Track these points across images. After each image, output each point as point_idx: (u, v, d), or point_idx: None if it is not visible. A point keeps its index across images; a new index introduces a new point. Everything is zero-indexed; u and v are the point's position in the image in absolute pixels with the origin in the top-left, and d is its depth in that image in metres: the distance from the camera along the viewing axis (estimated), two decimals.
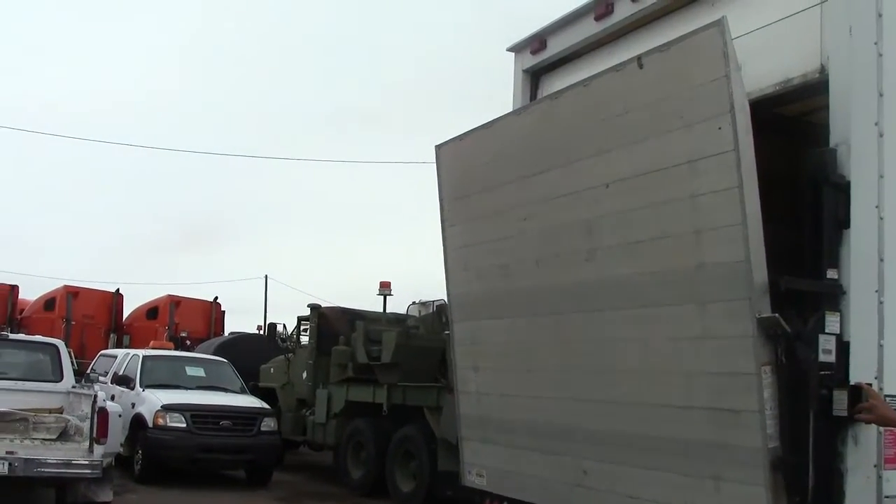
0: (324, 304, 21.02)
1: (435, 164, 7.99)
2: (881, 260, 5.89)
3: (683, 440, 5.50)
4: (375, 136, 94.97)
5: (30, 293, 36.89)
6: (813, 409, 5.23)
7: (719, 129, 5.20)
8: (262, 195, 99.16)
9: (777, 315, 5.00)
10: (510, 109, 8.89)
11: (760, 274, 5.19)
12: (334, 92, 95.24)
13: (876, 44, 6.19)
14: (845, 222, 5.93)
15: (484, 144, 7.47)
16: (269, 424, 18.21)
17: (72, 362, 14.25)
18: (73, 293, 33.84)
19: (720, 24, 5.38)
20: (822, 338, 5.61)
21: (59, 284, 35.12)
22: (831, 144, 6.13)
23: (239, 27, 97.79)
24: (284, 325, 22.26)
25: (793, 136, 7.27)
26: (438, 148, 7.73)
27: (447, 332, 10.64)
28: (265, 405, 19.04)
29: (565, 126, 6.61)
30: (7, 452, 11.22)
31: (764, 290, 5.21)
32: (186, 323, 33.54)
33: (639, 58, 5.84)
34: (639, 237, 6.07)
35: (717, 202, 5.39)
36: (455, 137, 7.53)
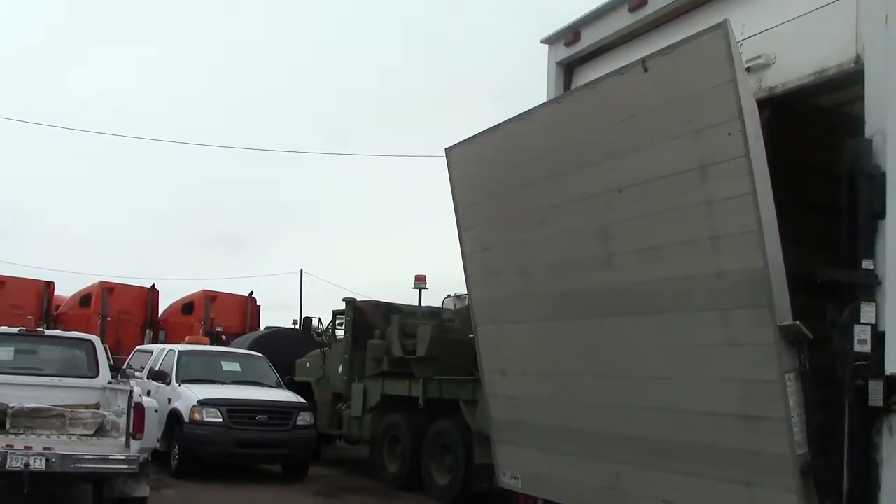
0: (359, 298, 21.05)
1: (447, 167, 7.88)
2: None
3: (713, 446, 5.43)
4: (411, 129, 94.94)
5: (65, 290, 37.15)
6: (848, 399, 5.17)
7: (729, 134, 5.07)
8: (298, 190, 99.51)
9: (798, 323, 4.91)
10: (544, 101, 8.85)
11: (779, 281, 5.10)
12: (371, 84, 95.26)
13: None
14: (881, 213, 5.86)
15: (494, 147, 7.33)
16: (304, 419, 18.23)
17: (107, 358, 14.32)
18: (108, 289, 34.00)
19: (723, 27, 5.24)
20: (857, 328, 5.55)
21: (94, 281, 35.34)
22: (867, 135, 6.06)
23: (273, 18, 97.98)
24: (320, 320, 22.33)
25: (829, 127, 7.19)
26: (448, 151, 7.59)
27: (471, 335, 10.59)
28: (301, 399, 19.08)
29: (573, 130, 6.47)
30: (44, 448, 11.27)
31: (784, 297, 5.12)
32: (222, 318, 33.64)
33: (643, 61, 5.70)
34: (655, 243, 5.96)
35: (731, 209, 5.27)
36: (465, 140, 7.40)
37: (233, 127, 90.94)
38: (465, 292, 18.40)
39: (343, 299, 21.03)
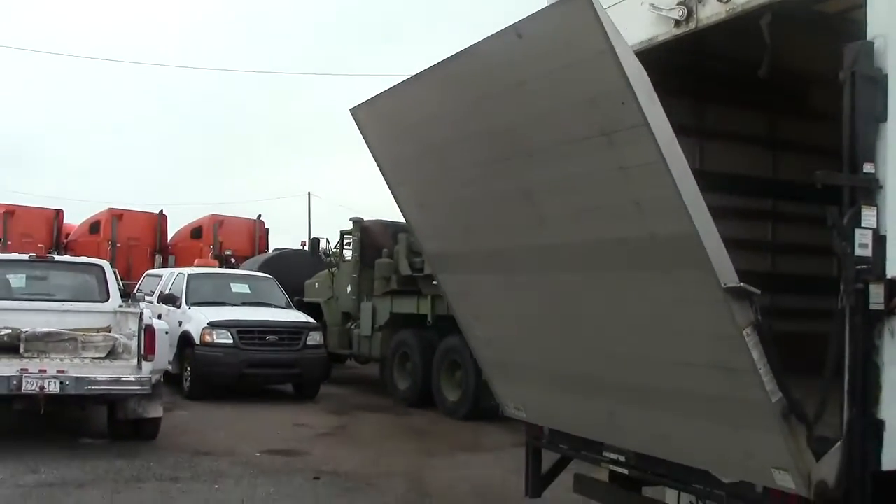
0: (366, 218, 21.08)
1: (357, 127, 7.55)
2: None
3: (694, 391, 5.43)
4: (419, 49, 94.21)
5: (75, 218, 37.23)
6: (849, 303, 5.19)
7: (622, 104, 4.80)
8: (304, 112, 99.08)
9: (742, 284, 4.85)
10: None
11: (714, 244, 4.97)
12: (381, 4, 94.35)
13: None
14: (882, 116, 5.81)
15: (397, 109, 6.95)
16: (314, 338, 18.36)
17: (117, 282, 14.41)
18: (117, 216, 34.05)
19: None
20: (858, 232, 5.54)
21: (103, 207, 35.39)
22: (868, 37, 6.00)
23: None
24: (328, 240, 22.39)
25: (833, 34, 7.11)
26: (353, 111, 7.25)
27: (434, 282, 10.34)
28: (311, 319, 19.19)
29: (467, 94, 6.08)
30: (58, 371, 11.41)
31: (723, 259, 5.03)
32: (230, 241, 33.71)
33: (516, 28, 5.33)
34: (581, 206, 5.72)
35: (644, 176, 5.00)
36: (367, 101, 7.05)
37: (240, 49, 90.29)
38: None
39: (350, 219, 21.05)
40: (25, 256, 15.25)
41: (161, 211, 35.62)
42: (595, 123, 5.11)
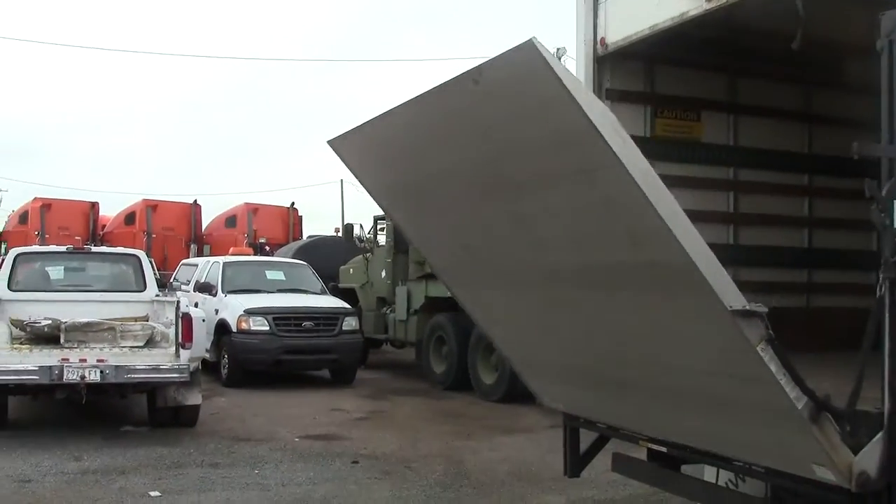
0: None
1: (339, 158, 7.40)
2: None
3: (719, 397, 5.36)
4: (450, 34, 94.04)
5: (110, 209, 37.51)
6: (888, 278, 5.11)
7: (595, 145, 4.63)
8: (337, 98, 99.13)
9: (747, 305, 4.74)
10: None
11: (713, 269, 4.85)
12: None
13: None
14: None
15: (378, 142, 6.75)
16: (350, 324, 18.40)
17: (154, 272, 14.49)
18: (151, 206, 34.28)
19: (531, 44, 4.62)
20: None
21: (137, 199, 35.60)
22: None
23: None
24: (361, 226, 22.36)
25: (868, 3, 7.03)
26: (331, 143, 7.06)
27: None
28: (346, 305, 19.24)
29: (440, 132, 5.90)
30: (98, 360, 11.52)
31: (726, 282, 4.92)
32: (265, 229, 33.84)
33: (472, 77, 5.08)
34: (576, 233, 5.56)
35: (631, 209, 4.87)
36: (342, 134, 6.86)
37: (275, 37, 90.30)
38: None
39: None
40: (63, 248, 15.35)
41: (195, 201, 35.85)
42: (570, 162, 4.94)
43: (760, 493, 4.86)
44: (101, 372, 11.45)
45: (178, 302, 12.31)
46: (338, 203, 54.27)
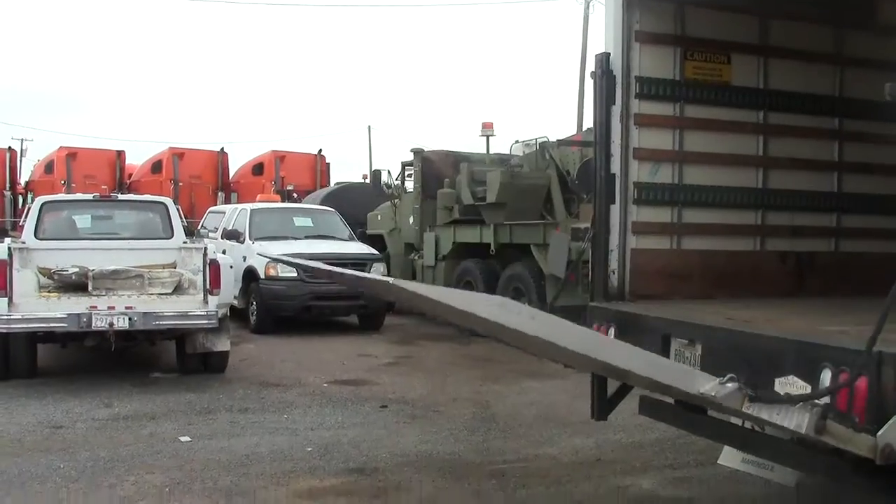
0: (427, 149, 21.02)
1: None
2: None
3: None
4: None
5: (136, 158, 37.57)
6: None
7: None
8: (364, 45, 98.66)
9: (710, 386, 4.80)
10: None
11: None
12: None
13: None
14: None
15: None
16: (378, 269, 18.39)
17: (181, 219, 14.51)
18: (178, 155, 34.25)
19: None
20: None
21: (164, 147, 35.62)
22: None
23: None
24: (389, 172, 22.36)
25: None
26: None
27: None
28: (374, 251, 19.26)
29: None
30: (126, 308, 11.59)
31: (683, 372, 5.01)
32: (292, 176, 33.78)
33: None
34: None
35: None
36: None
37: None
38: (533, 138, 18.41)
39: (411, 150, 21.02)
40: (90, 196, 15.38)
41: (222, 148, 35.82)
42: None
43: (788, 435, 4.84)
44: (130, 319, 11.52)
45: (206, 248, 12.35)
46: (365, 149, 54.16)
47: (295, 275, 17.36)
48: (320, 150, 36.14)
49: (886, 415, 4.44)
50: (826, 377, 4.68)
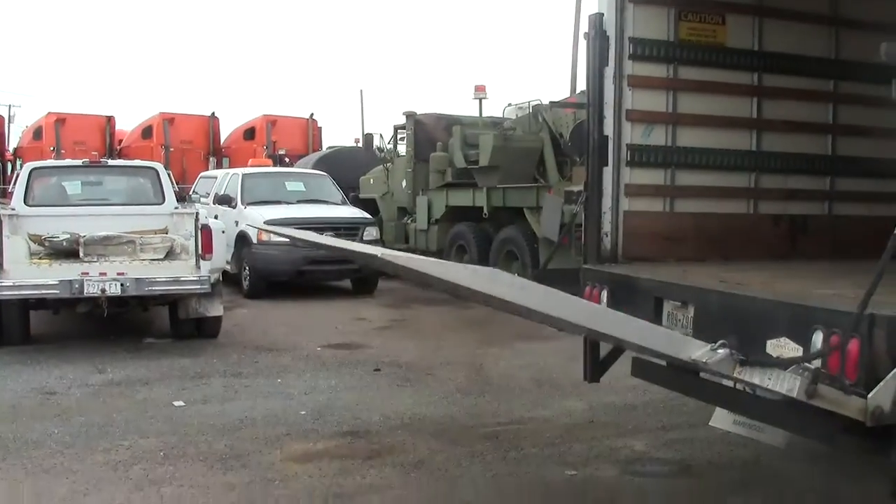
0: (419, 112, 20.95)
1: None
2: None
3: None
4: None
5: (126, 124, 37.37)
6: None
7: None
8: (355, 7, 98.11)
9: (702, 351, 4.78)
10: None
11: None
12: None
13: None
14: None
15: None
16: (371, 233, 18.42)
17: (172, 184, 14.45)
18: (168, 120, 34.05)
19: None
20: None
21: (154, 113, 35.42)
22: None
23: None
24: (381, 136, 22.31)
25: None
26: None
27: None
28: (366, 215, 19.25)
29: None
30: (118, 274, 11.57)
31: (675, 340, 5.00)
32: (284, 141, 33.64)
33: None
34: None
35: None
36: None
37: None
38: (526, 101, 18.35)
39: (403, 113, 20.96)
40: (79, 162, 15.31)
41: (213, 113, 35.60)
42: None
43: (779, 397, 4.85)
44: (122, 285, 11.52)
45: (197, 213, 12.32)
46: (357, 113, 54.00)
47: (287, 239, 17.31)
48: (312, 115, 35.99)
49: (877, 376, 4.46)
50: (818, 339, 4.69)
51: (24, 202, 12.88)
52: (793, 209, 8.68)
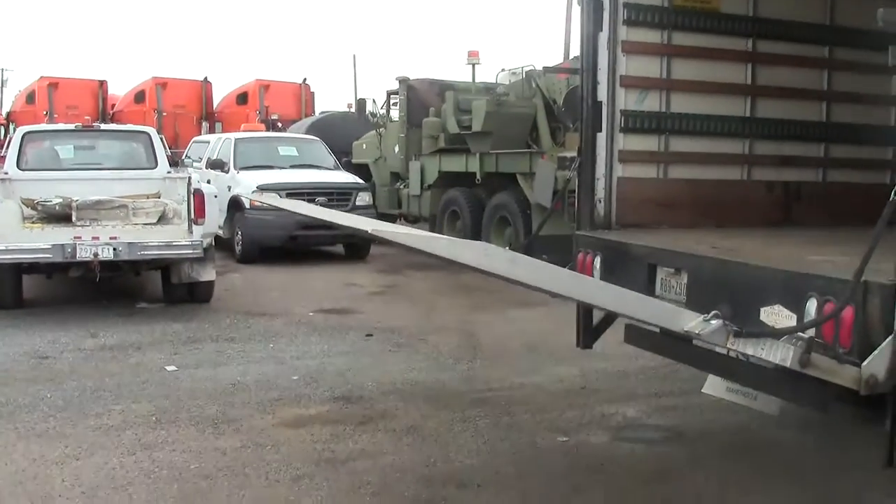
0: (412, 77, 20.87)
1: None
2: None
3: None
4: None
5: (119, 88, 37.25)
6: None
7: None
8: None
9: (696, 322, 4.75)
10: None
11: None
12: None
13: None
14: None
15: None
16: (364, 199, 18.39)
17: (165, 149, 14.41)
18: (161, 84, 33.98)
19: None
20: None
21: (147, 77, 35.31)
22: None
23: None
24: (374, 101, 22.26)
25: None
26: None
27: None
28: (359, 180, 19.20)
29: None
30: (110, 238, 11.54)
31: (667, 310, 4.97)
32: (277, 106, 33.57)
33: None
34: None
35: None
36: None
37: None
38: (519, 66, 18.27)
39: (396, 78, 20.87)
40: (72, 126, 15.25)
41: (206, 78, 35.52)
42: None
43: (771, 365, 4.86)
44: (114, 249, 11.49)
45: (190, 178, 12.28)
46: (350, 78, 53.76)
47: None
48: (305, 79, 35.92)
49: (871, 344, 4.46)
50: (812, 307, 4.69)
51: (17, 166, 12.89)
52: (787, 176, 8.67)
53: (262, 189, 17.34)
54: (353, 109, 26.94)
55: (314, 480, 6.14)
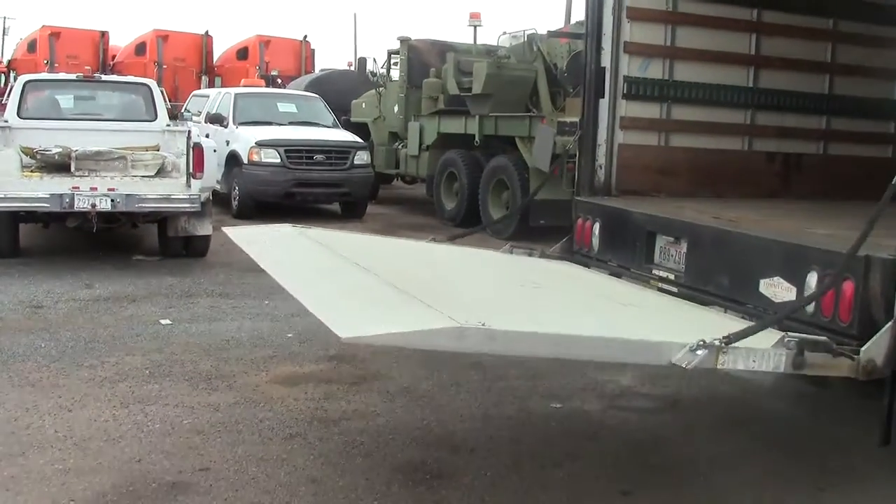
0: (413, 37, 20.78)
1: None
2: None
3: None
4: None
5: (120, 40, 37.07)
6: None
7: None
8: None
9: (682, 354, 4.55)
10: None
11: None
12: None
13: None
14: None
15: None
16: (362, 158, 18.33)
17: (165, 102, 14.35)
18: (162, 37, 33.86)
19: None
20: None
21: (148, 30, 35.17)
22: None
23: None
24: (375, 60, 22.14)
25: None
26: None
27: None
28: (358, 139, 19.12)
29: None
30: (109, 189, 11.49)
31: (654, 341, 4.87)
32: (277, 62, 33.47)
33: None
34: None
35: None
36: None
37: None
38: (521, 29, 18.19)
39: (397, 38, 20.78)
40: (73, 76, 15.18)
41: (206, 32, 35.36)
42: None
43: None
44: (112, 200, 11.45)
45: (189, 132, 12.22)
46: (351, 37, 53.56)
47: (278, 161, 17.28)
48: (305, 36, 35.81)
49: (871, 318, 4.46)
50: (812, 280, 4.69)
51: (18, 115, 12.83)
52: (787, 147, 8.67)
53: (261, 145, 17.31)
54: (353, 68, 26.84)
55: (307, 439, 6.14)
